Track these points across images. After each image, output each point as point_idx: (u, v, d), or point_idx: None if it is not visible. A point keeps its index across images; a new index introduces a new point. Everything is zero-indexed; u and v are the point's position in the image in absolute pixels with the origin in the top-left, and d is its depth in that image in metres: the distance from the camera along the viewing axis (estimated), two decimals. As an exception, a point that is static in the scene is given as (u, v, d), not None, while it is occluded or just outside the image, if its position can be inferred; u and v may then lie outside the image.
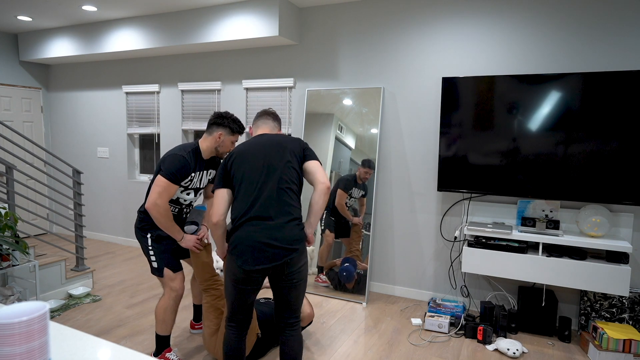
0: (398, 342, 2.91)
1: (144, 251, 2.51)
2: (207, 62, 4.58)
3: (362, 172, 3.69)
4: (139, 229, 2.50)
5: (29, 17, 4.59)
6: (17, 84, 5.43)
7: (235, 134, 2.49)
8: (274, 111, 2.32)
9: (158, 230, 2.48)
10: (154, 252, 2.47)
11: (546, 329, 3.04)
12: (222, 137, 2.45)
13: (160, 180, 2.31)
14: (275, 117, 2.30)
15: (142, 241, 2.50)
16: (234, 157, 2.07)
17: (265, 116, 2.28)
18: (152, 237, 2.48)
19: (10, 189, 3.28)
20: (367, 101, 3.71)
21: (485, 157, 3.17)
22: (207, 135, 2.47)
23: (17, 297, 3.00)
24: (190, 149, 2.42)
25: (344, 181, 3.75)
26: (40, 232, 5.70)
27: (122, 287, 3.85)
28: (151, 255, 2.47)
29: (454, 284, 3.56)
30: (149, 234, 2.48)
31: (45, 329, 0.93)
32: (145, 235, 2.48)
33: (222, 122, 2.43)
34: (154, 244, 2.48)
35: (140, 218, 2.51)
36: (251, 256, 1.91)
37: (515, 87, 3.04)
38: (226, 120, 2.44)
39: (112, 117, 5.31)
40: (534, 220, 3.10)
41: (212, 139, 2.45)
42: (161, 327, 2.49)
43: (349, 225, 3.71)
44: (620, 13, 2.92)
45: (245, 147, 2.09)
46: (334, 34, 3.88)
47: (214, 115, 2.46)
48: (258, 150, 2.06)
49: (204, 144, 2.48)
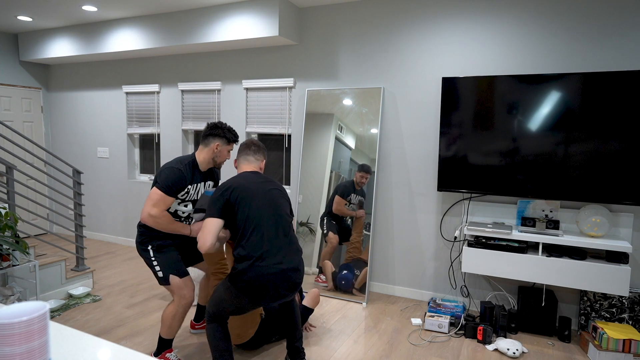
0: (398, 342, 2.91)
1: (149, 265, 2.49)
2: (207, 62, 4.58)
3: (359, 176, 3.70)
4: (139, 243, 2.49)
5: (29, 17, 4.59)
6: (17, 84, 5.43)
7: (231, 143, 2.54)
8: (256, 142, 2.43)
9: (158, 240, 2.48)
10: (158, 262, 2.46)
11: (546, 329, 3.04)
12: (219, 147, 2.49)
13: (155, 192, 2.33)
14: (256, 150, 2.41)
15: (144, 255, 2.49)
16: (236, 191, 2.15)
17: (247, 151, 2.40)
18: (153, 248, 2.47)
19: (10, 189, 3.28)
20: (367, 101, 3.71)
21: (485, 157, 3.17)
22: (203, 147, 2.49)
23: (17, 297, 3.00)
24: (187, 161, 2.44)
25: (342, 187, 3.75)
26: (40, 232, 5.70)
27: (122, 287, 3.85)
28: (155, 266, 2.46)
29: (454, 284, 3.56)
30: (150, 246, 2.47)
31: (45, 329, 0.93)
32: (146, 248, 2.48)
33: (217, 133, 2.47)
34: (156, 254, 2.47)
35: (139, 232, 2.50)
36: (268, 296, 2.12)
37: (515, 87, 3.04)
38: (222, 131, 2.48)
39: (112, 117, 5.31)
40: (534, 220, 3.10)
41: (208, 151, 2.48)
42: (166, 331, 2.50)
43: (350, 228, 3.72)
44: (620, 13, 2.92)
45: (246, 182, 2.21)
46: (334, 34, 3.88)
47: (209, 126, 2.49)
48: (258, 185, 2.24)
49: (200, 156, 2.50)
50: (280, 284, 2.11)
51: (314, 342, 2.89)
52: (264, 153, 2.43)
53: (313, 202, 3.88)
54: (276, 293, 2.11)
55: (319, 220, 3.84)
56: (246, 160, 2.38)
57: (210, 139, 2.47)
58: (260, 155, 2.41)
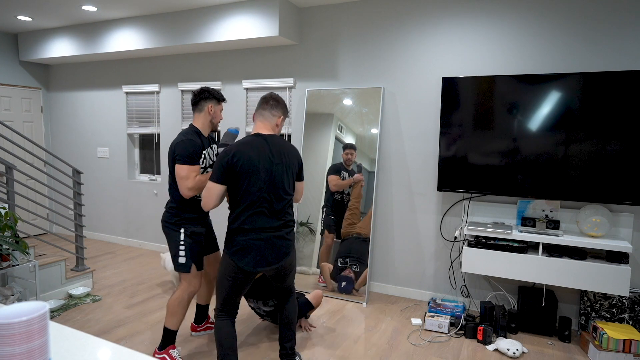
0: (398, 342, 2.91)
1: (172, 245, 2.52)
2: (207, 62, 4.58)
3: (344, 155, 3.76)
4: (171, 223, 2.52)
5: (29, 17, 4.59)
6: (17, 84, 5.43)
7: (221, 102, 2.63)
8: (276, 96, 2.30)
9: (192, 226, 2.53)
10: (185, 248, 2.49)
11: (546, 329, 3.04)
12: (213, 108, 2.57)
13: (181, 168, 2.39)
14: (275, 105, 2.27)
15: (172, 235, 2.52)
16: (239, 157, 2.11)
17: (263, 105, 2.27)
18: (186, 232, 2.51)
19: (10, 189, 3.28)
20: (367, 101, 3.71)
21: (485, 157, 3.17)
22: (198, 114, 2.57)
23: (17, 297, 3.00)
24: (191, 131, 2.51)
25: (332, 168, 3.83)
26: (40, 232, 5.70)
27: (122, 287, 3.85)
28: (181, 250, 2.49)
29: (454, 284, 3.56)
30: (183, 228, 2.50)
31: (45, 329, 0.93)
32: (177, 230, 2.50)
33: (207, 96, 2.55)
34: (187, 239, 2.50)
35: (172, 213, 2.52)
36: (253, 259, 2.15)
37: (515, 87, 3.04)
38: (210, 93, 2.56)
39: (112, 117, 5.31)
40: (534, 220, 3.10)
41: (204, 115, 2.56)
42: (171, 320, 2.53)
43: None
44: (620, 13, 2.92)
45: (253, 154, 2.13)
46: (334, 34, 3.88)
47: (198, 92, 2.55)
48: (264, 159, 2.15)
49: (198, 123, 2.56)
50: (267, 251, 2.16)
51: (314, 342, 2.89)
52: (283, 109, 2.29)
53: (313, 201, 3.88)
54: (263, 260, 2.15)
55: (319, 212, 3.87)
56: (261, 115, 2.26)
57: (202, 102, 2.55)
58: (277, 111, 2.26)
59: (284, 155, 2.22)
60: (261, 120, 2.26)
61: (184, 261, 2.49)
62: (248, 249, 2.12)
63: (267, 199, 2.14)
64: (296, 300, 2.52)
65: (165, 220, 2.53)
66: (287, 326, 2.44)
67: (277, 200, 2.17)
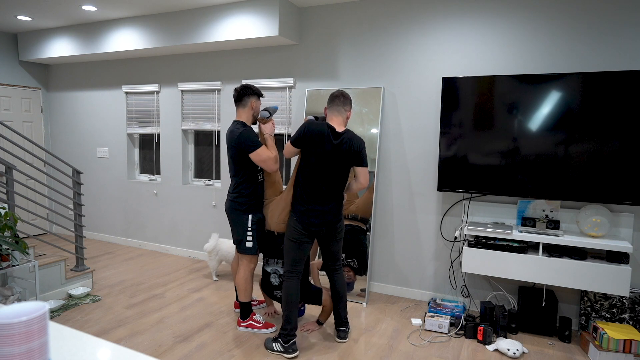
0: (398, 342, 2.91)
1: (239, 229, 2.84)
2: (207, 62, 4.58)
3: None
4: (241, 211, 2.82)
5: (28, 17, 4.58)
6: (17, 84, 5.43)
7: (260, 97, 2.91)
8: (344, 93, 2.70)
9: (260, 213, 2.90)
10: (252, 234, 2.85)
11: (546, 329, 3.03)
12: (255, 103, 2.87)
13: (256, 154, 2.70)
14: (344, 101, 2.69)
15: (240, 219, 2.83)
16: (312, 140, 2.56)
17: (335, 101, 2.68)
18: (253, 220, 2.85)
19: (10, 189, 3.27)
20: (367, 101, 3.71)
21: (485, 157, 3.17)
22: (242, 109, 2.85)
23: (17, 297, 3.00)
24: (241, 123, 2.80)
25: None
26: (40, 232, 5.70)
27: (122, 287, 3.85)
28: (249, 234, 2.83)
29: (454, 284, 3.55)
30: (251, 215, 2.84)
31: (45, 329, 0.92)
32: (246, 215, 2.83)
33: (249, 92, 2.83)
34: (255, 226, 2.86)
35: (241, 202, 2.82)
36: (314, 221, 2.64)
37: (515, 87, 3.04)
38: (252, 90, 2.85)
39: (111, 117, 5.30)
40: (534, 220, 3.10)
41: (248, 109, 2.85)
42: (244, 294, 2.92)
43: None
44: (620, 13, 2.92)
45: (324, 139, 2.56)
46: (334, 34, 3.88)
47: (240, 89, 2.83)
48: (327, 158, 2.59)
49: (243, 117, 2.86)
50: (318, 217, 2.63)
51: (314, 342, 2.89)
52: (350, 104, 2.72)
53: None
54: (318, 220, 2.63)
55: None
56: (336, 110, 2.68)
57: (246, 98, 2.83)
58: (348, 106, 2.70)
59: (343, 150, 2.61)
60: (335, 114, 2.68)
61: (251, 245, 2.85)
62: (309, 215, 2.62)
63: (321, 182, 2.62)
64: (344, 276, 2.95)
65: (233, 208, 2.83)
66: (340, 298, 2.87)
67: (330, 185, 2.64)
